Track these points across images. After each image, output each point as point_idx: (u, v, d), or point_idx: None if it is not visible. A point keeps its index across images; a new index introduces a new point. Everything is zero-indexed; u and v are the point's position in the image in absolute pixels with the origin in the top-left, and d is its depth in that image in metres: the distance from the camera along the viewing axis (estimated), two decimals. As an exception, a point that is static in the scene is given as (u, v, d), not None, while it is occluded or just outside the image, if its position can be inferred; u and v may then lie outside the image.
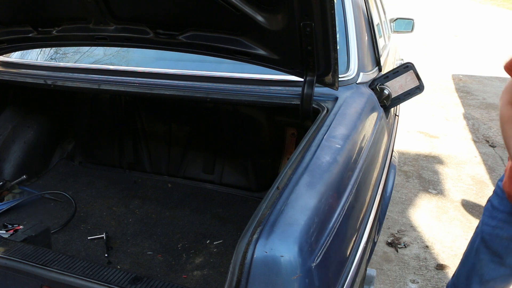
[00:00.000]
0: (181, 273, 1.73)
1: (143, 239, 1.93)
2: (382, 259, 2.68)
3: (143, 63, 2.25)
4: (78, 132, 2.56)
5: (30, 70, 2.09)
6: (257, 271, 0.74)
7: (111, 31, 1.66)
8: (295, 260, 0.74)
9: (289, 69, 1.57)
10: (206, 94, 1.73)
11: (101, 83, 1.92)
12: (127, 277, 1.10)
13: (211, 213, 2.12)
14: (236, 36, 1.53)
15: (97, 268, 1.12)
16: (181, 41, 1.61)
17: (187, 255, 1.84)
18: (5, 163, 2.28)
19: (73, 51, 2.47)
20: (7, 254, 1.14)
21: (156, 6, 1.53)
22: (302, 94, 1.53)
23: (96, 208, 2.15)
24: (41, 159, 2.45)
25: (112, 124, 2.45)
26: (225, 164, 2.32)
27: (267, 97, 1.66)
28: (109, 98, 2.40)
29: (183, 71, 1.89)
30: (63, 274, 1.08)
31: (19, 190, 2.21)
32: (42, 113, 2.44)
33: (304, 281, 0.75)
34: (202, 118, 2.28)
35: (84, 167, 2.55)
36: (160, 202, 2.21)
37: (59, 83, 1.98)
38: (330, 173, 1.05)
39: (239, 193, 2.27)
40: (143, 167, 2.46)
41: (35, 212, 2.09)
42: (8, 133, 2.30)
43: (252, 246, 0.75)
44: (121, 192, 2.29)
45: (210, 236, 1.96)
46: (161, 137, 2.40)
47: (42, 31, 1.76)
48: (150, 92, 1.83)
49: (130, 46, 1.81)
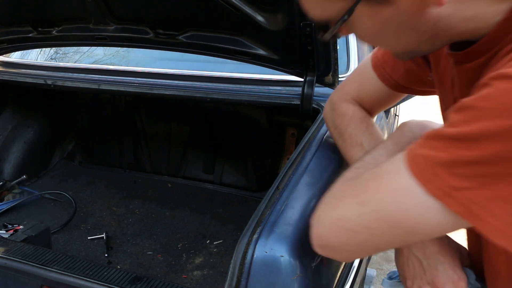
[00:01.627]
0: (181, 273, 1.73)
1: (143, 239, 1.93)
2: (382, 259, 2.68)
3: (143, 63, 2.25)
4: (78, 132, 2.56)
5: (30, 70, 2.09)
6: (257, 271, 0.74)
7: (111, 31, 1.66)
8: (295, 260, 0.74)
9: (289, 69, 1.57)
10: (206, 94, 1.73)
11: (101, 83, 1.92)
12: (127, 277, 1.10)
13: (211, 213, 2.12)
14: (236, 36, 1.53)
15: (97, 268, 1.12)
16: (181, 41, 1.61)
17: (187, 255, 1.84)
18: (5, 163, 2.28)
19: (73, 51, 2.48)
20: (7, 254, 1.14)
21: (156, 6, 1.53)
22: (302, 94, 1.53)
23: (96, 208, 2.15)
24: (41, 159, 2.45)
25: (112, 124, 2.45)
26: (225, 164, 2.32)
27: (267, 97, 1.66)
28: (109, 98, 2.40)
29: (183, 71, 1.89)
30: (63, 274, 1.08)
31: (19, 190, 2.21)
32: (42, 113, 2.44)
33: (304, 281, 0.75)
34: (202, 118, 2.28)
35: (84, 167, 2.55)
36: (160, 202, 2.21)
37: (59, 83, 1.98)
38: (330, 173, 1.05)
39: (239, 193, 2.27)
40: (143, 167, 2.46)
41: (35, 212, 2.09)
42: (8, 133, 2.30)
43: (252, 246, 0.75)
44: (121, 192, 2.29)
45: (210, 236, 1.96)
46: (161, 137, 2.40)
47: (42, 31, 1.76)
48: (150, 92, 1.83)
49: (130, 46, 1.82)
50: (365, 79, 0.95)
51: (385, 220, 0.59)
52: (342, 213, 0.64)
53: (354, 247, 0.65)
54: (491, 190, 0.51)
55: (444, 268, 0.74)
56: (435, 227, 0.57)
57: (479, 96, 0.52)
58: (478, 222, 0.52)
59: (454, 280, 0.73)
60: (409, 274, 0.77)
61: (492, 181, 0.51)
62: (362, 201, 0.62)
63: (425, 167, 0.54)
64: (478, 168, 0.51)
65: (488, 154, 0.50)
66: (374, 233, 0.61)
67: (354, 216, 0.62)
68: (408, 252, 0.77)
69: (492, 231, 0.52)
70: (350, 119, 0.95)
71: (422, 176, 0.55)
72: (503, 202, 0.51)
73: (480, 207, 0.52)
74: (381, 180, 0.60)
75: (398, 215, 0.58)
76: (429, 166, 0.54)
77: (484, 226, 0.52)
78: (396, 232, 0.60)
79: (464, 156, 0.52)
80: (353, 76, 1.03)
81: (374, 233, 0.61)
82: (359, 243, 0.64)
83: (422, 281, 0.75)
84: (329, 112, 1.03)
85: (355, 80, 1.01)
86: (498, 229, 0.52)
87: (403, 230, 0.59)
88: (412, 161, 0.56)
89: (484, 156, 0.50)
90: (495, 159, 0.50)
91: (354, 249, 0.66)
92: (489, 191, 0.51)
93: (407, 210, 0.57)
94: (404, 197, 0.57)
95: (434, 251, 0.75)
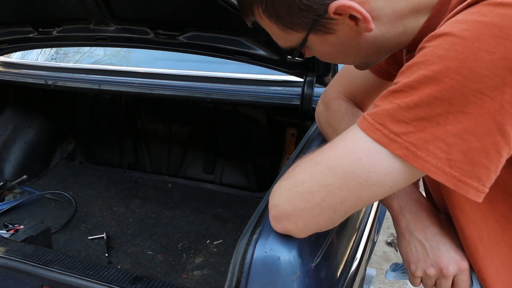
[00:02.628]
0: (181, 273, 1.74)
1: (143, 239, 1.94)
2: (381, 258, 2.69)
3: (143, 64, 2.25)
4: (78, 132, 2.57)
5: (30, 71, 2.09)
6: (257, 271, 0.74)
7: (111, 31, 1.67)
8: (294, 260, 0.75)
9: (289, 69, 1.57)
10: (206, 94, 1.74)
11: (101, 83, 1.92)
12: (128, 277, 1.10)
13: (211, 213, 2.12)
14: (236, 37, 1.53)
15: (97, 268, 1.12)
16: (181, 42, 1.61)
17: (187, 255, 1.84)
18: (6, 163, 2.28)
19: (74, 51, 2.48)
20: (8, 254, 1.15)
21: (156, 6, 1.53)
22: (302, 94, 1.53)
23: (96, 208, 2.16)
24: (41, 159, 2.45)
25: (113, 124, 2.45)
26: (225, 164, 2.32)
27: (267, 97, 1.66)
28: (109, 98, 2.40)
29: (183, 72, 1.89)
30: (64, 274, 1.08)
31: (20, 190, 2.22)
32: (43, 113, 2.44)
33: (304, 281, 0.75)
34: (202, 118, 2.29)
35: (84, 167, 2.55)
36: (160, 202, 2.22)
37: (59, 83, 1.99)
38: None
39: (239, 193, 2.27)
40: (143, 167, 2.46)
41: (35, 212, 2.09)
42: (9, 133, 2.30)
43: (252, 246, 0.76)
44: (121, 192, 2.29)
45: (210, 236, 1.97)
46: (161, 137, 2.40)
47: (43, 31, 1.77)
48: (150, 92, 1.84)
49: (130, 46, 1.82)
50: (356, 73, 0.98)
51: (340, 174, 0.63)
52: (297, 178, 0.68)
53: (311, 212, 0.67)
54: (427, 132, 0.57)
55: (447, 248, 0.75)
56: (386, 175, 0.61)
57: (416, 57, 0.60)
58: (419, 162, 0.58)
59: (457, 260, 0.75)
60: (412, 258, 0.78)
61: (428, 123, 0.57)
62: (317, 162, 0.67)
63: (373, 120, 0.61)
64: (416, 111, 0.57)
65: (424, 96, 0.57)
66: (329, 190, 0.64)
67: (308, 177, 0.67)
68: (410, 236, 0.78)
69: (431, 169, 0.58)
70: (342, 115, 0.98)
71: (370, 128, 0.61)
72: (439, 141, 0.57)
73: (419, 149, 0.58)
74: (336, 142, 0.66)
75: (352, 166, 0.63)
76: (376, 119, 0.61)
77: (424, 165, 0.58)
78: (351, 185, 0.63)
79: (404, 102, 0.58)
80: (341, 74, 1.07)
81: (329, 189, 0.64)
82: (316, 206, 0.66)
83: (426, 263, 0.76)
84: (322, 111, 1.06)
85: (344, 76, 1.05)
86: (436, 166, 0.58)
87: (357, 182, 0.62)
88: (362, 119, 0.63)
89: (421, 99, 0.57)
90: (430, 101, 0.57)
91: (311, 215, 0.67)
92: (426, 134, 0.58)
93: (360, 160, 0.62)
94: (356, 148, 0.63)
95: (435, 232, 0.76)
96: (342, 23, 0.69)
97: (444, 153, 0.57)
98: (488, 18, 0.55)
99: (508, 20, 0.54)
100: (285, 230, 0.72)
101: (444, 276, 0.75)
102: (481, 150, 0.56)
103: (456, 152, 0.57)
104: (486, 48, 0.54)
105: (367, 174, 0.62)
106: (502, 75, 0.53)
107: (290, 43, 0.75)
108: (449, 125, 0.56)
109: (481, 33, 0.55)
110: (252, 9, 0.73)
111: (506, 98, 0.54)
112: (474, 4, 0.58)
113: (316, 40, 0.73)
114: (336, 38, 0.71)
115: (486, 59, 0.54)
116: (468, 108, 0.55)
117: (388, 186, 0.63)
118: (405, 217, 0.79)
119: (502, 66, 0.53)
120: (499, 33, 0.54)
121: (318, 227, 0.69)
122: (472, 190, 0.58)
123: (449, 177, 0.58)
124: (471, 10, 0.58)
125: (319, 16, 0.68)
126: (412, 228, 0.78)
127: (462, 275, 0.75)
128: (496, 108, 0.54)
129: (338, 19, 0.68)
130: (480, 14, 0.56)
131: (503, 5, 0.55)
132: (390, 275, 0.89)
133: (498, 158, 0.57)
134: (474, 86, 0.54)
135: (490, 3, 0.56)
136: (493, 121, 0.55)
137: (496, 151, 0.57)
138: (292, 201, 0.68)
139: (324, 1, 0.66)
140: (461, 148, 0.57)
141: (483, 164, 0.57)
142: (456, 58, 0.55)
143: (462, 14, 0.59)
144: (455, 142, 0.57)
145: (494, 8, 0.56)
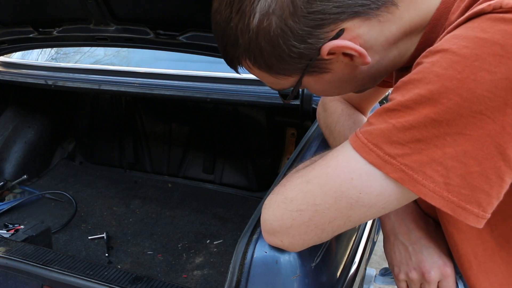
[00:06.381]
0: (181, 273, 1.74)
1: (144, 239, 1.94)
2: (382, 258, 2.69)
3: (143, 64, 2.25)
4: (78, 132, 2.57)
5: (30, 71, 2.09)
6: (257, 271, 0.74)
7: (111, 31, 1.67)
8: (294, 260, 0.75)
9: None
10: (206, 94, 1.74)
11: (101, 83, 1.92)
12: (128, 277, 1.11)
13: (211, 213, 2.12)
14: (236, 37, 1.53)
15: (97, 268, 1.12)
16: (181, 42, 1.61)
17: (187, 255, 1.84)
18: (6, 163, 2.28)
19: (74, 51, 2.49)
20: (8, 254, 1.15)
21: (156, 6, 1.53)
22: (302, 94, 1.53)
23: (96, 208, 2.16)
24: (41, 159, 2.46)
25: (113, 124, 2.45)
26: (225, 164, 2.32)
27: (267, 97, 1.67)
28: (109, 98, 2.40)
29: (183, 72, 1.89)
30: (64, 274, 1.08)
31: (20, 190, 2.22)
32: (43, 113, 2.44)
33: (304, 281, 0.75)
34: (202, 118, 2.29)
35: (84, 167, 2.56)
36: (161, 202, 2.22)
37: (59, 83, 1.99)
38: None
39: (239, 193, 2.27)
40: (144, 167, 2.47)
41: (35, 212, 2.09)
42: (9, 133, 2.31)
43: (252, 246, 0.76)
44: (121, 192, 2.29)
45: (210, 236, 1.97)
46: (161, 137, 2.41)
47: (43, 31, 1.77)
48: (150, 92, 1.84)
49: (131, 46, 1.82)
50: None
51: (330, 194, 0.61)
52: (287, 195, 0.66)
53: (297, 231, 0.65)
54: (424, 155, 0.55)
55: (429, 252, 0.74)
56: (377, 197, 0.59)
57: (412, 73, 0.57)
58: (415, 186, 0.56)
59: (439, 265, 0.73)
60: (396, 261, 0.77)
61: (425, 145, 0.54)
62: (308, 179, 0.64)
63: (367, 140, 0.58)
64: (412, 133, 0.55)
65: (420, 117, 0.54)
66: (318, 209, 0.62)
67: (299, 195, 0.64)
68: (394, 238, 0.78)
69: (428, 194, 0.55)
70: (339, 116, 0.98)
71: (364, 148, 0.58)
72: (436, 164, 0.54)
73: (415, 172, 0.55)
74: (328, 160, 0.64)
75: (343, 187, 0.60)
76: (370, 139, 0.58)
77: (421, 189, 0.55)
78: (340, 206, 0.61)
79: (399, 123, 0.56)
80: None
81: (318, 209, 0.62)
82: (302, 224, 0.64)
83: (408, 267, 0.75)
84: (321, 113, 1.07)
85: None
86: (434, 190, 0.55)
87: (347, 203, 0.60)
88: (356, 138, 0.60)
89: (417, 120, 0.54)
90: (426, 122, 0.54)
91: (297, 233, 0.65)
92: (422, 156, 0.55)
93: (351, 180, 0.59)
94: (348, 169, 0.60)
95: (419, 236, 0.75)
96: (337, 61, 0.66)
97: (441, 177, 0.54)
98: (489, 34, 0.52)
99: (510, 38, 0.51)
100: (274, 244, 0.71)
101: (427, 281, 0.74)
102: (481, 175, 0.53)
103: (454, 176, 0.54)
104: (486, 68, 0.51)
105: (357, 195, 0.59)
106: (504, 96, 0.50)
107: (283, 86, 0.73)
108: (447, 147, 0.53)
109: (481, 51, 0.51)
110: (240, 62, 0.70)
111: (508, 120, 0.51)
112: (475, 18, 0.55)
113: (311, 80, 0.71)
114: (332, 76, 0.69)
115: (486, 80, 0.51)
116: (467, 129, 0.52)
117: (380, 207, 0.60)
118: (391, 219, 0.79)
119: (504, 87, 0.50)
120: (501, 51, 0.50)
121: (305, 244, 0.68)
122: (471, 216, 0.55)
123: (447, 202, 0.55)
124: (471, 25, 0.55)
125: (312, 60, 0.65)
126: (397, 231, 0.77)
127: (446, 281, 0.74)
128: (497, 130, 0.51)
129: (332, 58, 0.66)
130: (481, 29, 0.53)
131: (505, 20, 0.51)
132: (379, 279, 0.89)
133: (500, 184, 0.54)
134: (474, 107, 0.51)
135: (491, 18, 0.53)
136: (493, 144, 0.52)
137: (497, 176, 0.53)
138: (279, 218, 0.66)
139: (315, 45, 0.63)
140: (460, 172, 0.54)
141: (483, 189, 0.54)
142: (455, 78, 0.52)
143: (462, 29, 0.56)
144: (453, 165, 0.54)
145: (495, 24, 0.52)
